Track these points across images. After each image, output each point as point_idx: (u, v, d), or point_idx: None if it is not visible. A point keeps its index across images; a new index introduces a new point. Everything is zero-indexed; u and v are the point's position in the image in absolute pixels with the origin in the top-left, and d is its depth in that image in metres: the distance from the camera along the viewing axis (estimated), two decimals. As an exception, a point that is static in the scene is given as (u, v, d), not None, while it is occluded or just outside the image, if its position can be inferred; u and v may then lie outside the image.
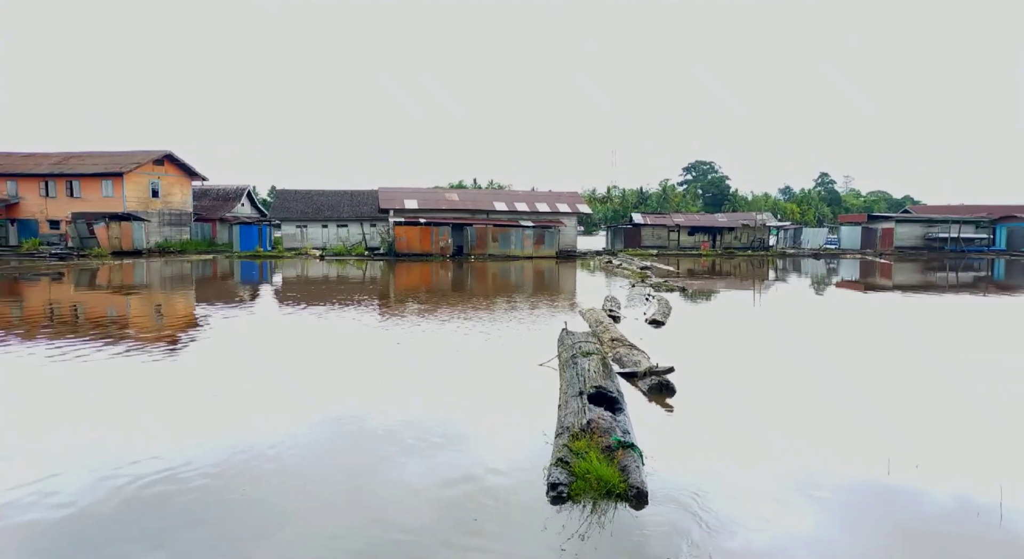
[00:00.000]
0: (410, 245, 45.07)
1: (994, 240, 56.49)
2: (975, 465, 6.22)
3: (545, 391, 8.77)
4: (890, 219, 59.12)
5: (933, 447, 6.77)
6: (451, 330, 14.16)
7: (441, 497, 5.49)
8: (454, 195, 53.10)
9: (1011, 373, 10.48)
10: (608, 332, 12.32)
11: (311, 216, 52.30)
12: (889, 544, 4.83)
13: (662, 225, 59.47)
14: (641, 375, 9.41)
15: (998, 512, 5.14)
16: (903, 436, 7.09)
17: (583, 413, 6.71)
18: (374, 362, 11.01)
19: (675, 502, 5.31)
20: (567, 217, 50.04)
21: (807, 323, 16.84)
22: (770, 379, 9.94)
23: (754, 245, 57.34)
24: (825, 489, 5.71)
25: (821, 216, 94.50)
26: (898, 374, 10.39)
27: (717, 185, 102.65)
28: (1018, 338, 14.53)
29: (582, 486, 5.33)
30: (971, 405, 8.47)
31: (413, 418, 7.71)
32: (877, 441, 6.86)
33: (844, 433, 7.23)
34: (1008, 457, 6.50)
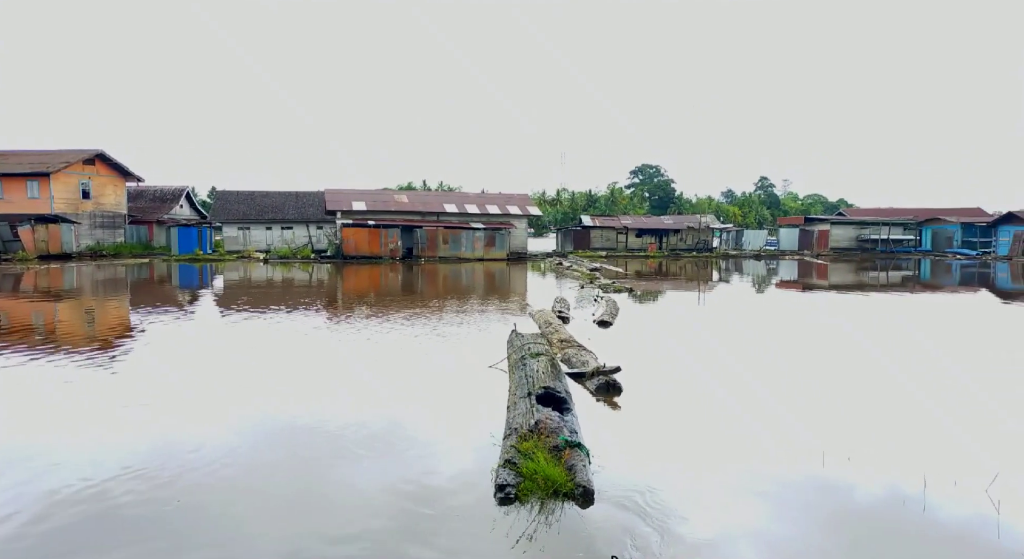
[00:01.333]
0: (358, 247, 44.35)
1: (920, 241, 59.73)
2: (902, 457, 6.53)
3: (495, 393, 8.75)
4: (825, 221, 61.74)
5: (864, 440, 7.07)
6: (400, 333, 13.99)
7: (388, 501, 5.40)
8: (403, 197, 52.56)
9: (936, 368, 11.08)
10: (557, 333, 12.41)
11: (254, 218, 50.82)
12: (825, 533, 5.02)
13: (611, 227, 60.41)
14: (589, 375, 9.51)
15: (922, 501, 5.41)
16: (837, 430, 7.39)
17: (531, 414, 6.73)
18: (320, 366, 10.77)
19: (621, 499, 5.38)
20: (517, 219, 50.24)
21: (749, 322, 17.39)
22: (713, 377, 10.20)
23: (699, 247, 58.90)
24: (765, 483, 5.89)
25: (761, 218, 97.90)
26: (833, 370, 10.84)
27: (663, 188, 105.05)
28: (943, 334, 15.38)
29: (529, 487, 5.34)
30: (899, 399, 8.91)
31: (360, 421, 7.57)
32: (813, 435, 7.13)
33: (783, 428, 7.48)
34: (931, 448, 6.86)
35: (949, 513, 5.24)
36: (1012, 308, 21.91)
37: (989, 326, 17.01)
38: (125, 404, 8.28)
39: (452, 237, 46.34)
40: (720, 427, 7.51)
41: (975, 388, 9.51)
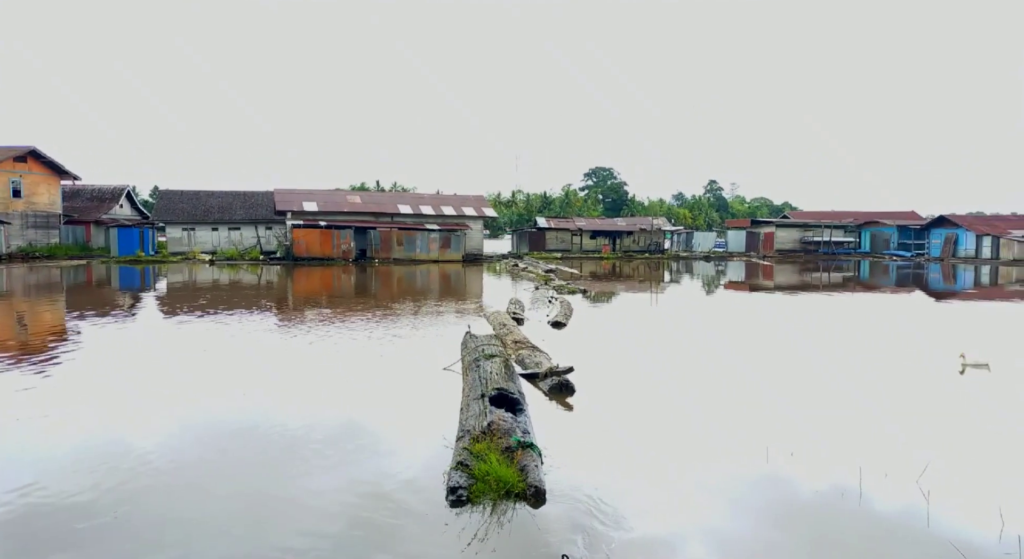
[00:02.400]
0: (309, 249, 43.46)
1: (859, 243, 62.36)
2: (840, 451, 6.79)
3: (448, 395, 8.71)
4: (771, 224, 63.81)
5: (805, 435, 7.33)
6: (353, 335, 13.77)
7: (339, 506, 5.30)
8: (356, 197, 51.77)
9: (871, 365, 11.58)
10: (511, 334, 12.43)
11: (200, 218, 49.21)
12: (770, 527, 5.17)
13: (565, 229, 60.95)
14: (542, 376, 9.57)
15: (858, 492, 5.64)
16: (780, 426, 7.64)
17: (484, 415, 6.72)
18: (269, 369, 10.49)
19: (572, 498, 5.42)
20: (473, 220, 50.14)
21: (699, 323, 17.81)
22: (664, 376, 10.41)
23: (651, 248, 60.01)
24: (713, 479, 6.03)
25: (710, 221, 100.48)
26: (776, 368, 11.20)
27: (616, 191, 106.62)
28: (879, 333, 16.08)
29: (482, 488, 5.33)
30: (838, 395, 9.27)
31: (311, 425, 7.43)
32: (757, 431, 7.34)
33: (729, 425, 7.68)
34: (866, 442, 7.15)
35: (883, 504, 5.47)
36: (943, 307, 23.11)
37: (921, 325, 17.88)
38: (59, 409, 7.88)
39: (407, 238, 45.90)
40: (670, 425, 7.66)
41: (907, 383, 9.97)
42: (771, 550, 4.79)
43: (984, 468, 6.30)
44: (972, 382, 9.88)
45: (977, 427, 7.70)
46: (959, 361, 10.65)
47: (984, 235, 52.02)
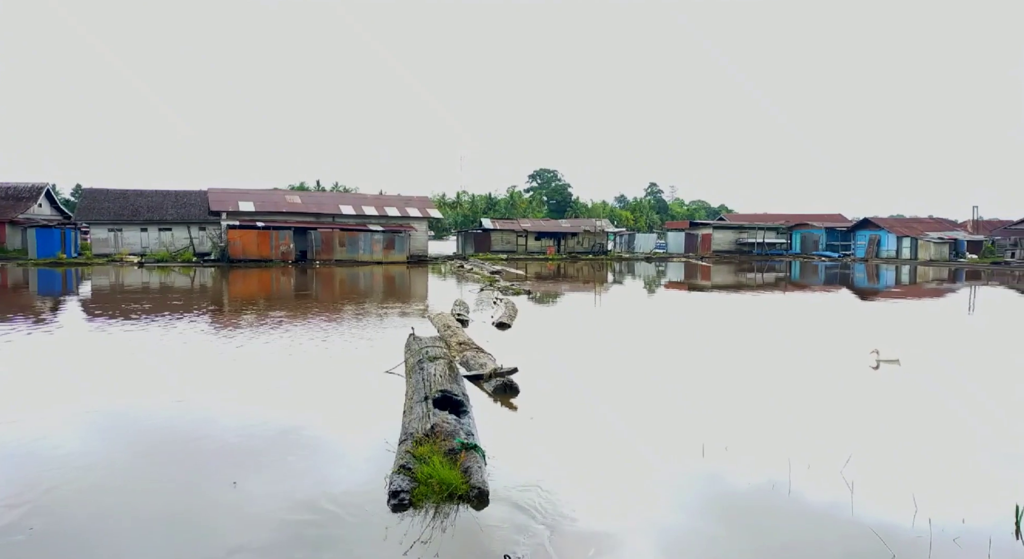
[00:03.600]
0: (246, 250, 42.04)
1: (791, 244, 65.16)
2: (770, 444, 7.09)
3: (391, 398, 8.60)
4: (708, 226, 65.92)
5: (738, 430, 7.61)
6: (292, 338, 13.41)
7: (278, 514, 5.15)
8: (296, 197, 50.43)
9: (800, 362, 12.13)
10: (456, 336, 12.39)
11: (127, 219, 46.84)
12: (708, 520, 5.35)
13: (511, 230, 61.20)
14: (487, 377, 9.58)
15: (787, 485, 5.89)
16: (715, 421, 7.90)
17: (427, 418, 6.67)
18: (203, 375, 10.10)
19: (516, 499, 5.45)
20: (418, 221, 49.68)
21: (641, 322, 18.22)
22: (607, 375, 10.59)
23: (595, 249, 60.97)
24: (653, 475, 6.18)
25: (651, 223, 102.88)
26: (712, 365, 11.58)
27: (560, 192, 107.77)
28: (807, 329, 16.85)
29: (424, 491, 5.29)
30: (767, 391, 9.66)
31: (247, 431, 7.21)
32: (694, 427, 7.57)
33: (668, 422, 7.89)
34: (793, 435, 7.49)
35: (811, 494, 5.74)
36: (866, 305, 24.44)
37: (844, 322, 18.83)
38: None
39: (349, 239, 45.03)
40: (611, 424, 7.80)
41: (827, 379, 10.49)
42: (709, 542, 4.95)
43: (898, 457, 6.69)
44: (885, 377, 10.46)
45: (890, 419, 8.18)
46: (872, 357, 11.27)
47: (904, 237, 55.27)
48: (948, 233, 55.66)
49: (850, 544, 4.87)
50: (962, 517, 5.16)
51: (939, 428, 7.79)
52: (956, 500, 5.52)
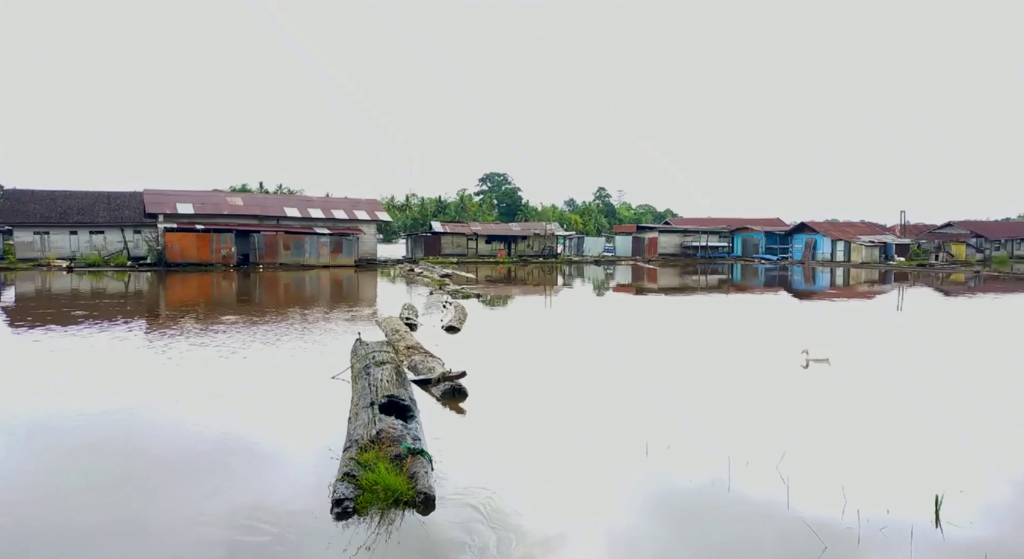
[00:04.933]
0: (185, 254, 40.52)
1: (732, 248, 67.30)
2: (708, 442, 7.29)
3: (336, 404, 8.44)
4: (654, 230, 67.41)
5: (680, 429, 7.80)
6: (234, 345, 12.99)
7: (218, 526, 4.99)
8: (238, 199, 48.92)
9: (736, 362, 12.54)
10: (404, 340, 12.27)
11: (55, 221, 44.46)
12: (653, 518, 5.47)
13: (461, 233, 61.03)
14: (435, 381, 9.52)
15: (727, 481, 6.08)
16: (658, 421, 8.08)
17: (373, 424, 6.58)
18: (140, 384, 9.66)
19: (463, 502, 5.43)
20: (366, 224, 48.95)
21: (589, 324, 18.45)
22: (555, 377, 10.69)
23: (545, 253, 61.45)
24: (599, 475, 6.27)
25: (600, 226, 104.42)
26: (655, 365, 11.84)
27: (511, 196, 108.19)
28: (748, 332, 17.43)
29: (369, 498, 5.21)
30: (705, 390, 9.95)
31: (186, 441, 6.96)
32: (639, 427, 7.71)
33: (614, 422, 8.02)
34: (731, 433, 7.73)
35: (749, 490, 5.94)
36: (802, 306, 25.48)
37: (781, 323, 19.58)
38: None
39: (295, 243, 43.97)
40: (559, 425, 7.87)
41: (762, 378, 10.89)
42: (654, 540, 5.06)
43: (828, 453, 6.99)
44: (814, 376, 10.92)
45: (820, 416, 8.54)
46: (803, 357, 11.75)
47: (838, 240, 57.87)
48: (878, 237, 58.60)
49: (787, 538, 5.06)
50: (887, 508, 5.43)
51: (865, 424, 8.18)
52: (882, 492, 5.80)
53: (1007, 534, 5.12)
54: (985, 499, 5.74)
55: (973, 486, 5.96)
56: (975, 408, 8.86)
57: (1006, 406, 8.98)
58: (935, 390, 9.93)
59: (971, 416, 8.43)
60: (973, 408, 8.86)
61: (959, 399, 9.35)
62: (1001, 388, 10.09)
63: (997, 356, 13.05)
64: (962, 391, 9.87)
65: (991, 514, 5.44)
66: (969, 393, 9.74)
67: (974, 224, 67.34)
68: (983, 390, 9.95)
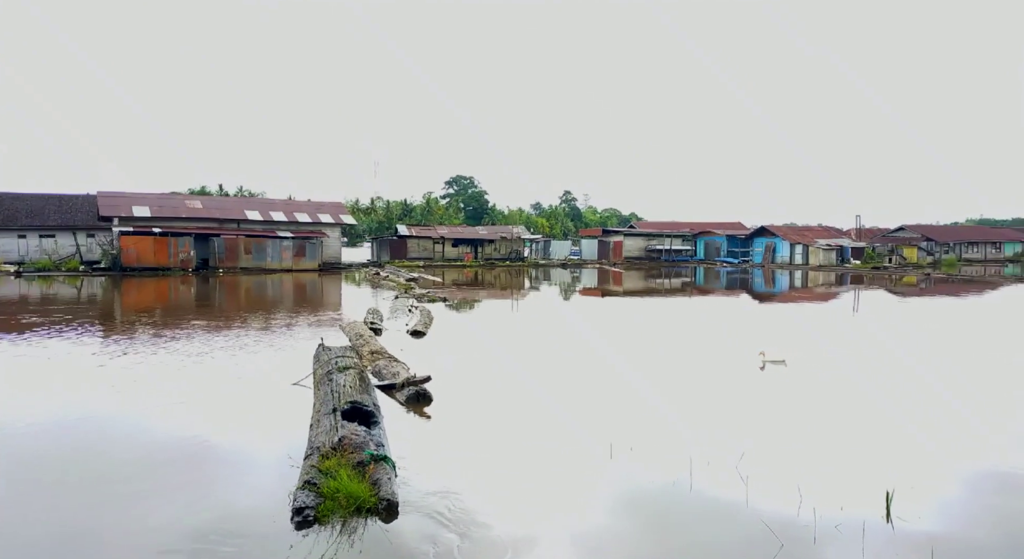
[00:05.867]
0: (141, 258, 39.36)
1: (695, 251, 68.49)
2: (670, 443, 7.40)
3: (298, 411, 8.29)
4: (620, 233, 68.15)
5: (642, 431, 7.89)
6: (193, 351, 12.65)
7: (175, 537, 4.85)
8: (197, 202, 47.76)
9: (696, 363, 12.75)
10: (368, 345, 12.13)
11: (2, 224, 42.74)
12: (618, 519, 5.51)
13: (427, 237, 60.70)
14: (399, 386, 9.44)
15: (689, 482, 6.17)
16: (622, 423, 8.16)
17: (335, 430, 6.49)
18: (95, 391, 9.33)
19: (426, 509, 5.39)
20: (330, 228, 48.31)
21: (556, 327, 18.53)
22: (521, 380, 10.70)
23: (511, 256, 61.55)
24: (563, 479, 6.29)
25: (566, 230, 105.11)
26: (618, 368, 11.96)
27: (477, 199, 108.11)
28: (709, 334, 17.75)
29: (331, 506, 5.13)
30: (666, 391, 10.10)
31: (142, 450, 6.79)
32: (603, 429, 7.77)
33: (579, 425, 8.06)
34: (691, 434, 7.86)
35: (710, 488, 6.04)
36: (762, 308, 26.07)
37: (741, 324, 20.01)
38: None
39: (256, 246, 43.12)
40: (525, 429, 7.89)
41: (721, 379, 11.10)
42: (619, 541, 5.10)
43: (785, 452, 7.16)
44: (771, 377, 11.18)
45: (777, 416, 8.75)
46: (760, 358, 12.03)
47: (797, 244, 59.40)
48: (835, 240, 60.36)
49: (746, 537, 5.15)
50: (841, 505, 5.58)
51: (820, 423, 8.40)
52: (837, 489, 5.97)
53: (954, 528, 5.32)
54: (934, 495, 5.95)
55: (923, 482, 6.18)
56: (926, 406, 9.19)
57: (956, 404, 9.33)
58: (888, 389, 10.25)
59: (922, 414, 8.73)
60: (924, 406, 9.18)
61: (911, 398, 9.68)
62: (951, 386, 10.48)
63: (947, 355, 13.56)
64: (913, 390, 10.22)
65: (939, 509, 5.65)
66: (920, 392, 10.09)
67: (925, 228, 70.01)
68: (934, 389, 10.32)
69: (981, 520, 5.49)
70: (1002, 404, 9.41)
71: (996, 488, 6.15)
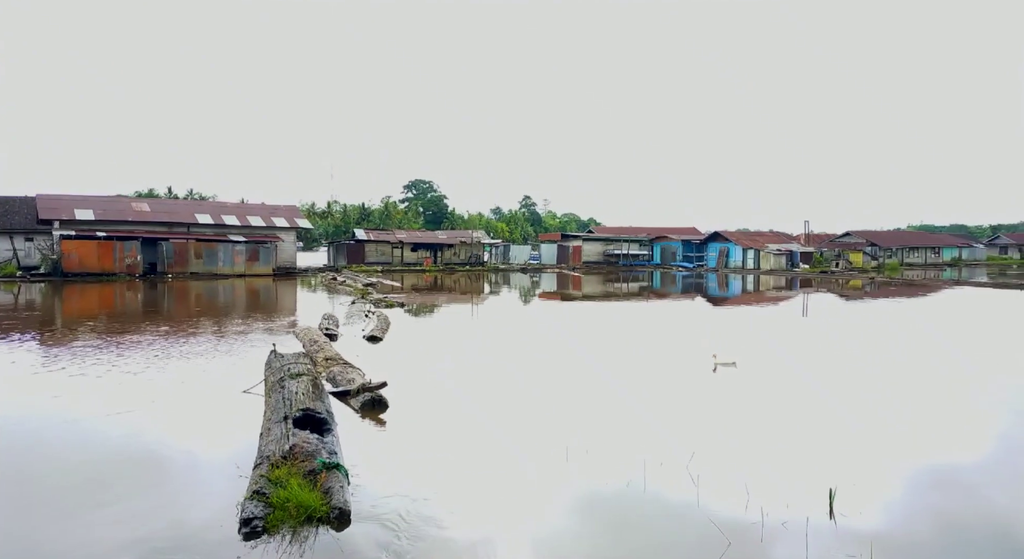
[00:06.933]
0: (84, 263, 37.78)
1: (652, 256, 69.66)
2: (626, 445, 7.48)
3: (248, 420, 8.07)
4: (579, 238, 68.82)
5: (597, 433, 7.96)
6: (140, 359, 12.19)
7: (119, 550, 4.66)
8: (144, 205, 46.16)
9: (650, 366, 12.97)
10: (323, 351, 11.92)
11: (-67, 226, 40.43)
12: (573, 520, 5.54)
13: (386, 241, 60.04)
14: (354, 392, 9.30)
15: (643, 483, 6.26)
16: (577, 426, 8.21)
17: (286, 438, 6.35)
18: (36, 401, 8.90)
19: (380, 516, 5.32)
20: (285, 232, 47.31)
21: (514, 331, 18.56)
22: (477, 385, 10.67)
23: (471, 261, 61.39)
24: (519, 482, 6.30)
25: (526, 234, 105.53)
26: (574, 371, 12.05)
27: (436, 203, 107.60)
28: (664, 337, 18.05)
29: (280, 516, 5.01)
30: (619, 394, 10.23)
31: (86, 461, 6.52)
32: (559, 432, 7.81)
33: (534, 428, 8.08)
34: (645, 435, 7.98)
35: (662, 488, 6.13)
36: (715, 311, 26.68)
37: (695, 327, 20.43)
38: None
39: (207, 251, 41.90)
40: (481, 433, 7.87)
41: (674, 381, 11.32)
42: (576, 542, 5.14)
43: (734, 451, 7.34)
44: (722, 378, 11.44)
45: (727, 417, 8.96)
46: (712, 360, 12.31)
47: (749, 249, 61.02)
48: (785, 245, 62.23)
49: (698, 536, 5.24)
50: (787, 503, 5.74)
51: (768, 423, 8.64)
52: (783, 487, 6.14)
53: (893, 523, 5.53)
54: (875, 492, 6.17)
55: (865, 480, 6.40)
56: (870, 406, 9.54)
57: (898, 403, 9.72)
58: (834, 390, 10.61)
59: (866, 413, 9.07)
60: (868, 406, 9.53)
61: (856, 398, 10.04)
62: (894, 387, 10.91)
63: (891, 357, 14.12)
64: (858, 390, 10.61)
65: (880, 505, 5.86)
66: (864, 392, 10.48)
67: (869, 233, 72.88)
68: (878, 389, 10.73)
69: (919, 515, 5.73)
70: (941, 403, 9.84)
71: (934, 484, 6.42)
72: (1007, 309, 25.50)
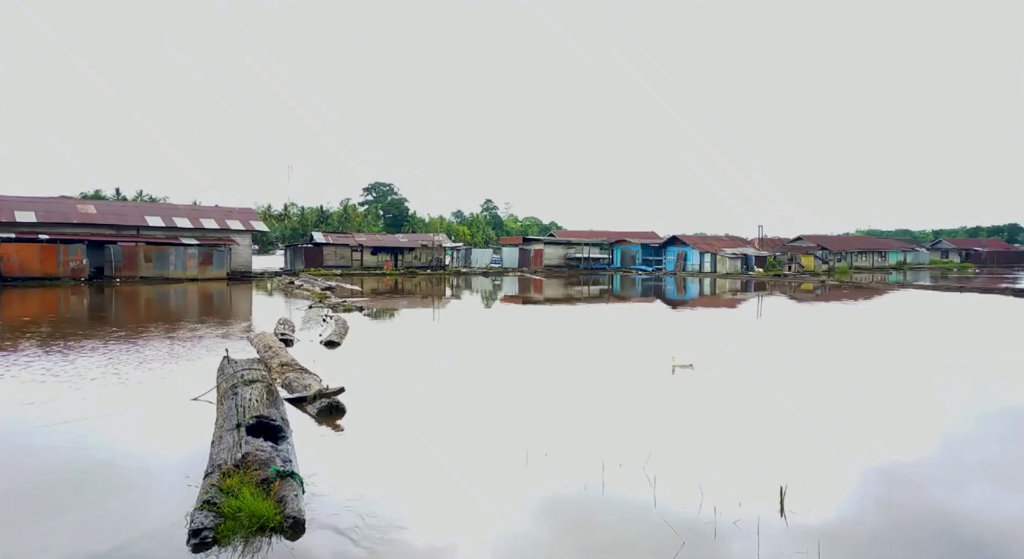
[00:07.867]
0: (25, 267, 36.10)
1: (612, 259, 70.50)
2: (584, 448, 7.55)
3: (199, 428, 7.84)
4: (540, 241, 69.18)
5: (556, 436, 8.01)
6: (86, 366, 11.71)
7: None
8: (90, 207, 44.41)
9: (609, 369, 13.12)
10: (278, 357, 11.67)
11: None
12: (533, 522, 5.56)
13: (345, 244, 59.16)
14: (311, 399, 9.13)
15: (601, 483, 6.31)
16: (535, 429, 8.25)
17: (239, 447, 6.19)
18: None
19: (335, 524, 5.24)
20: (240, 235, 46.15)
21: (475, 336, 18.51)
22: (437, 389, 10.60)
23: (432, 264, 61.02)
24: (479, 486, 6.28)
25: (487, 238, 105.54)
26: (533, 374, 12.10)
27: (397, 207, 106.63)
28: (623, 339, 18.27)
29: (232, 526, 4.88)
30: (578, 396, 10.32)
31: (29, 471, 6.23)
32: (519, 436, 7.83)
33: (494, 433, 8.08)
34: (603, 437, 8.06)
35: (620, 489, 6.20)
36: (674, 314, 27.16)
37: (656, 329, 20.76)
38: None
39: (157, 254, 40.54)
40: (439, 438, 7.81)
41: (632, 383, 11.48)
42: (535, 545, 5.14)
43: (689, 452, 7.48)
44: (680, 380, 11.66)
45: (682, 418, 9.14)
46: (670, 363, 12.53)
47: (705, 252, 62.34)
48: (740, 249, 63.79)
49: (655, 536, 5.32)
50: (739, 501, 5.88)
51: (723, 423, 8.83)
52: (736, 487, 6.28)
53: (841, 518, 5.72)
54: (824, 489, 6.36)
55: (814, 477, 6.60)
56: (821, 405, 9.85)
57: (847, 402, 10.06)
58: (786, 390, 10.92)
59: (817, 413, 9.35)
60: (819, 405, 9.84)
61: (807, 397, 10.35)
62: (844, 386, 11.29)
63: (840, 357, 14.61)
64: (809, 390, 10.94)
65: (828, 502, 6.05)
66: (815, 392, 10.81)
67: (820, 238, 75.35)
68: (828, 389, 11.08)
69: (866, 511, 5.93)
70: (890, 402, 10.23)
71: (880, 481, 6.66)
72: (949, 311, 26.69)
